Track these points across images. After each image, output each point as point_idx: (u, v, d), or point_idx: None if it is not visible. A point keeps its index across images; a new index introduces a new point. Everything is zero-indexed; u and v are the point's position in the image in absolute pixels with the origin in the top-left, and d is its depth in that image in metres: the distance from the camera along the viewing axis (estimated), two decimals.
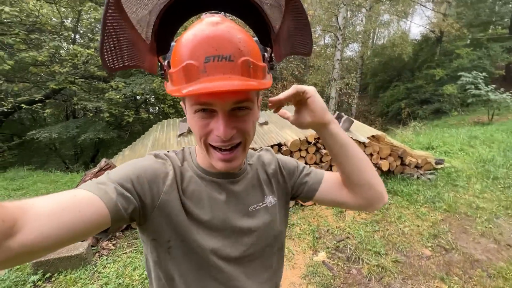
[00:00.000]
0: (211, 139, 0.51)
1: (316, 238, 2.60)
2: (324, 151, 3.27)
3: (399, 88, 15.71)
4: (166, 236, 0.54)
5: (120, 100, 5.93)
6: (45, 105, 6.45)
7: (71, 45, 5.58)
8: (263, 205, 0.65)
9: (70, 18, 9.79)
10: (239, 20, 0.60)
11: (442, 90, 12.61)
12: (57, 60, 6.09)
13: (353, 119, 3.63)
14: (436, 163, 4.05)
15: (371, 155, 3.52)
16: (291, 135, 3.31)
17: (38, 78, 6.65)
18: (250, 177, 0.66)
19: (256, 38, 0.57)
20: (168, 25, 0.54)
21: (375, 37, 22.49)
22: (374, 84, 19.04)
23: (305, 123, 0.60)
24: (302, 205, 3.16)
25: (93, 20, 6.48)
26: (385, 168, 3.63)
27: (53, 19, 8.45)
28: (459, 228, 2.73)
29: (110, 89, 6.01)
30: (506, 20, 16.44)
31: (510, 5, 16.05)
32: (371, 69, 19.40)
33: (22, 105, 4.91)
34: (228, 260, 0.59)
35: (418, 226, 2.77)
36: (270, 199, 0.67)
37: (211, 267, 0.58)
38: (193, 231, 0.55)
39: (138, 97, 7.93)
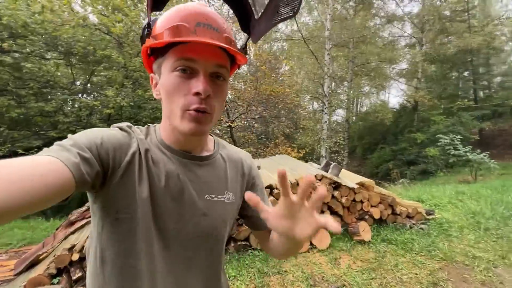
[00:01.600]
0: (185, 101, 0.51)
1: (310, 285, 2.42)
2: None
3: (385, 150, 16.55)
4: (115, 206, 0.52)
5: None
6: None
7: (79, 99, 6.03)
8: (221, 199, 0.63)
9: (81, 80, 10.75)
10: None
11: (425, 152, 13.35)
12: (61, 112, 6.48)
13: (341, 167, 3.80)
14: (427, 214, 4.07)
15: (361, 202, 3.57)
16: None
17: (39, 130, 6.91)
18: (217, 166, 0.65)
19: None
20: None
21: (359, 105, 24.83)
22: (362, 146, 20.07)
23: (285, 232, 0.46)
24: None
25: (103, 78, 7.18)
26: (376, 216, 3.62)
27: (64, 79, 9.27)
28: (459, 277, 2.61)
29: None
30: (471, 92, 18.72)
31: (471, 83, 18.59)
32: (357, 132, 20.71)
33: (19, 150, 4.99)
34: (171, 238, 0.57)
35: (416, 274, 2.63)
36: (230, 196, 0.65)
37: (153, 247, 0.55)
38: (144, 206, 0.53)
39: None
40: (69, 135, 0.50)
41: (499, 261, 2.87)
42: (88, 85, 11.00)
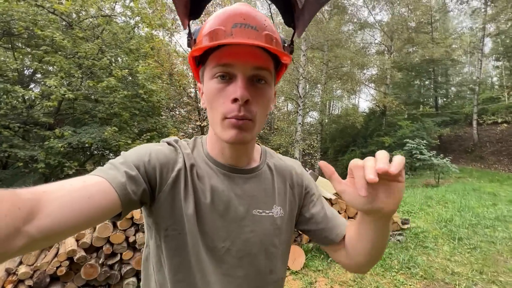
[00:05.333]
0: (224, 109, 0.49)
1: None
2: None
3: (355, 152, 17.01)
4: (165, 223, 0.53)
5: (62, 149, 5.18)
6: None
7: (12, 89, 4.98)
8: (269, 213, 0.60)
9: (29, 67, 9.36)
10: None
11: (392, 156, 13.86)
12: None
13: (318, 175, 3.48)
14: (403, 223, 3.92)
15: (338, 212, 3.27)
16: None
17: None
18: (263, 179, 0.62)
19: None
20: None
21: (331, 108, 25.46)
22: (333, 148, 20.51)
23: (367, 205, 0.44)
24: None
25: (46, 64, 6.13)
26: None
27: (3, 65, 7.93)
28: None
29: (53, 137, 5.29)
30: (431, 100, 20.10)
31: (432, 91, 19.93)
32: (329, 135, 21.17)
33: None
34: (221, 256, 0.55)
35: None
36: (278, 210, 0.61)
37: (204, 263, 0.54)
38: (190, 223, 0.53)
39: (87, 147, 7.15)
40: (122, 152, 0.52)
41: (477, 277, 2.72)
42: (39, 74, 9.65)
